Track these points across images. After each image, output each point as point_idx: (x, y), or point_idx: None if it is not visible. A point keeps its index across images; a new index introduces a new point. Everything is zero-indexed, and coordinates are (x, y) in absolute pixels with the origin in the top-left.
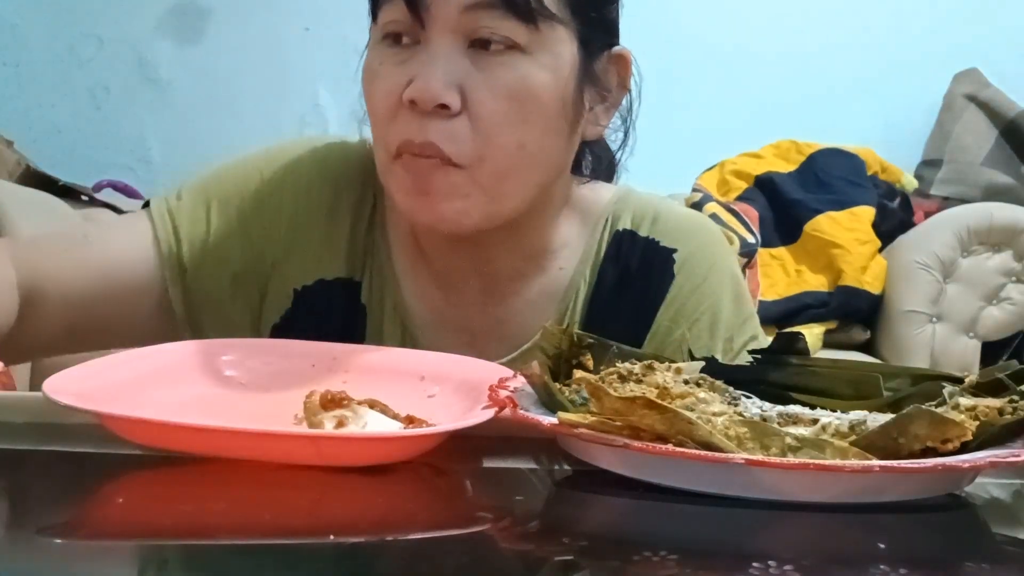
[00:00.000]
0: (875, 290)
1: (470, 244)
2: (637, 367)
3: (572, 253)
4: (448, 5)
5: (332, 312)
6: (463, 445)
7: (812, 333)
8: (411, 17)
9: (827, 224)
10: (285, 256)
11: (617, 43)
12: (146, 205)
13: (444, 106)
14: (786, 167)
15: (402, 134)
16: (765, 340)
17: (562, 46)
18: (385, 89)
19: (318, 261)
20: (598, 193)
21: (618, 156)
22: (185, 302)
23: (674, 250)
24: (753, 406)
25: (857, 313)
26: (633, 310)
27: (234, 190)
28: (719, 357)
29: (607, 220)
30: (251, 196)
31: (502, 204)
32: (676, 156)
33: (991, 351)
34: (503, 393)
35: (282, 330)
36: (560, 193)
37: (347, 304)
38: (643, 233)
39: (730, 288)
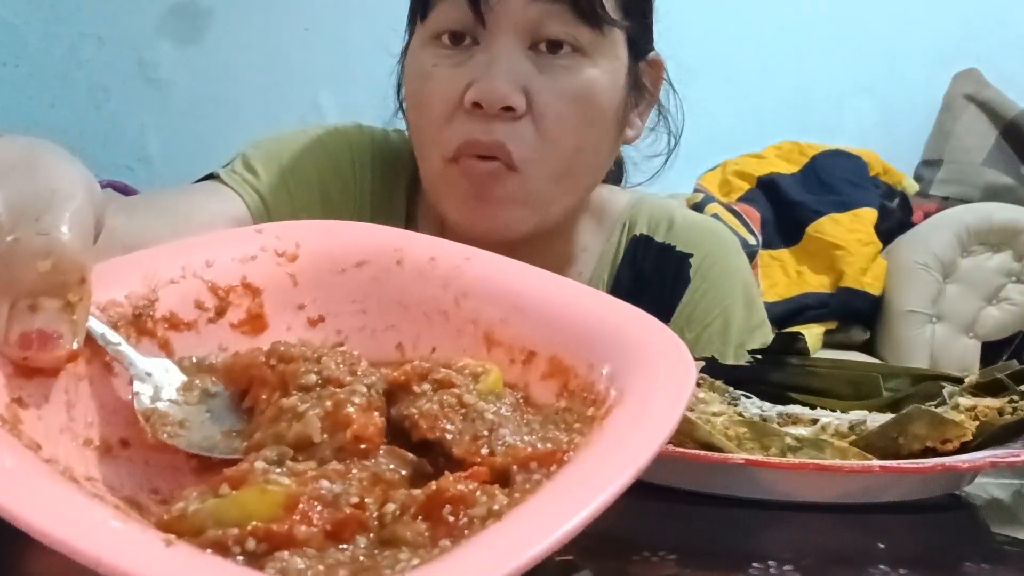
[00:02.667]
0: (875, 291)
1: (500, 251)
2: None
3: (590, 257)
4: (512, 1)
5: None
6: None
7: (812, 333)
8: (472, 15)
9: (829, 226)
10: None
11: (653, 48)
12: (206, 178)
13: (509, 108)
14: (788, 168)
15: (464, 134)
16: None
17: (619, 50)
18: (443, 91)
19: None
20: (614, 197)
21: (665, 163)
22: None
23: (690, 255)
24: (753, 406)
25: (858, 314)
26: (647, 311)
27: (310, 168)
28: (731, 360)
29: (624, 225)
30: (327, 174)
31: (553, 209)
32: (678, 156)
33: (991, 351)
34: None
35: None
36: (587, 198)
37: None
38: (659, 238)
39: (743, 294)
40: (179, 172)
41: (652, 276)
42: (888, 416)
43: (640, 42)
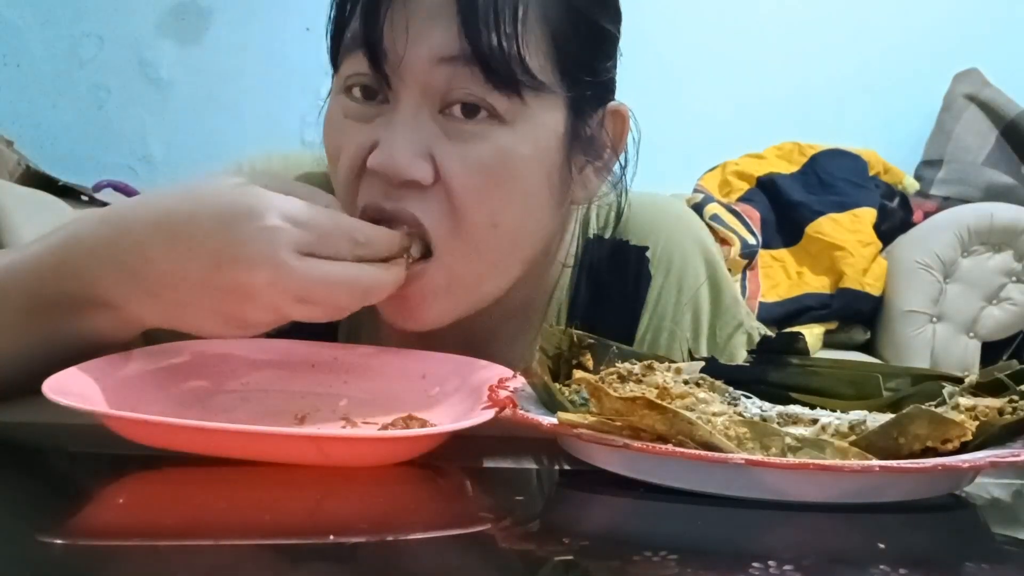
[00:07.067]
0: (876, 292)
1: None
2: (637, 367)
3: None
4: (418, 59)
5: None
6: (463, 445)
7: (812, 333)
8: (374, 73)
9: (829, 226)
10: None
11: (612, 99)
12: None
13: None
14: (788, 168)
15: (368, 197)
16: (752, 325)
17: (548, 115)
18: (348, 149)
19: None
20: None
21: (611, 220)
22: None
23: (646, 248)
24: (753, 406)
25: (858, 315)
26: (614, 318)
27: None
28: (704, 352)
29: (576, 232)
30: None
31: (485, 290)
32: (678, 156)
33: (991, 351)
34: (503, 393)
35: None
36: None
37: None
38: (610, 234)
39: (707, 275)
40: (180, 172)
41: (611, 279)
42: (888, 416)
43: (586, 100)
